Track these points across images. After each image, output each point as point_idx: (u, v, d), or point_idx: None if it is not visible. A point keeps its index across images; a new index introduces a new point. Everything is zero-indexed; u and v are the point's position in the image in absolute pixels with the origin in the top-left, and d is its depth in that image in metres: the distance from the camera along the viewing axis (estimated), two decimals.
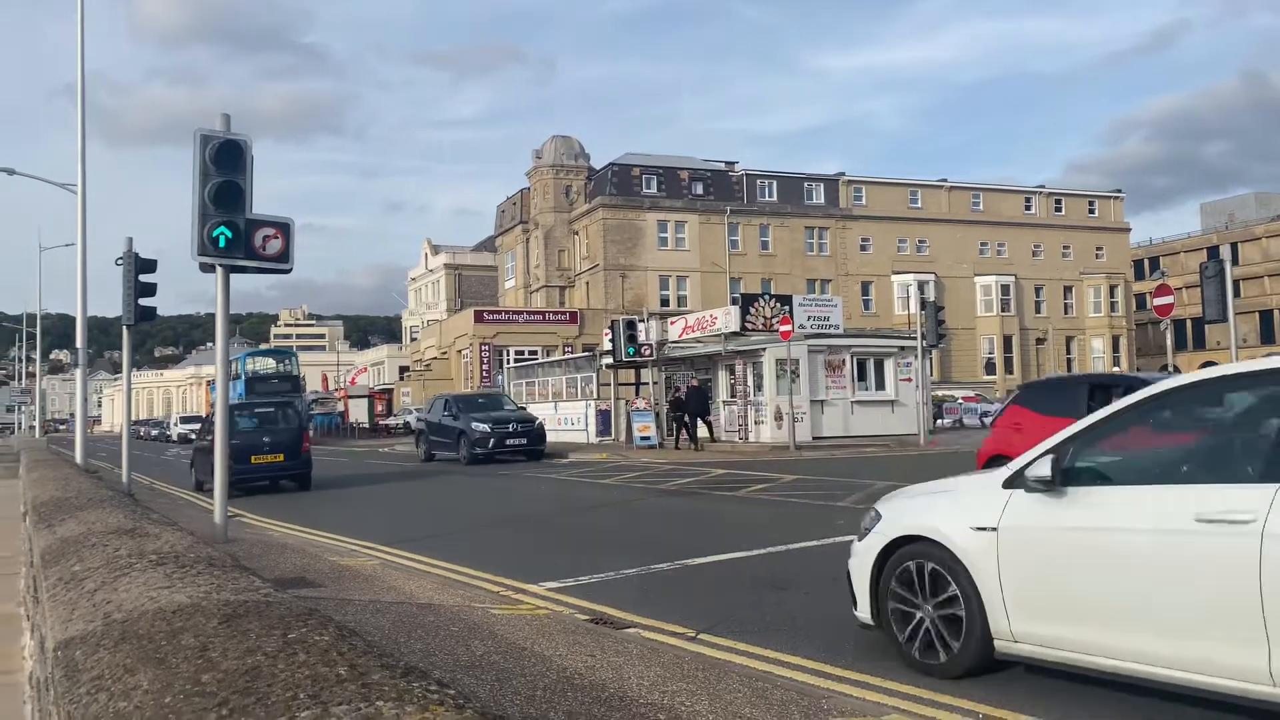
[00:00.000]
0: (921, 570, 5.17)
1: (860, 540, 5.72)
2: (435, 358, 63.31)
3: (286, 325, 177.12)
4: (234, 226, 9.23)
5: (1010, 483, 4.90)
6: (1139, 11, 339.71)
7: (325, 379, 79.35)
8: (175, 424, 65.11)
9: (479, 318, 55.90)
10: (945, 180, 65.28)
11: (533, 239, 65.12)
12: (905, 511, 5.55)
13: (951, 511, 5.21)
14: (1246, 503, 3.99)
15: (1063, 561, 4.63)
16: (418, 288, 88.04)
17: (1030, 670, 4.95)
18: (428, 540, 11.06)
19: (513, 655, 5.00)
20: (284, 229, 9.55)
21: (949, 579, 5.01)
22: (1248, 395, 4.70)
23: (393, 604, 6.45)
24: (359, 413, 59.17)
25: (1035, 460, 4.79)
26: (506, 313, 58.56)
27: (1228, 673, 4.04)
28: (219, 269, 9.44)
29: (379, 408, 60.81)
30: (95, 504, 7.09)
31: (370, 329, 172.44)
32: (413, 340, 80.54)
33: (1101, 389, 11.28)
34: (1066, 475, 4.67)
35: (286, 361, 48.89)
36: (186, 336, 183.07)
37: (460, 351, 58.01)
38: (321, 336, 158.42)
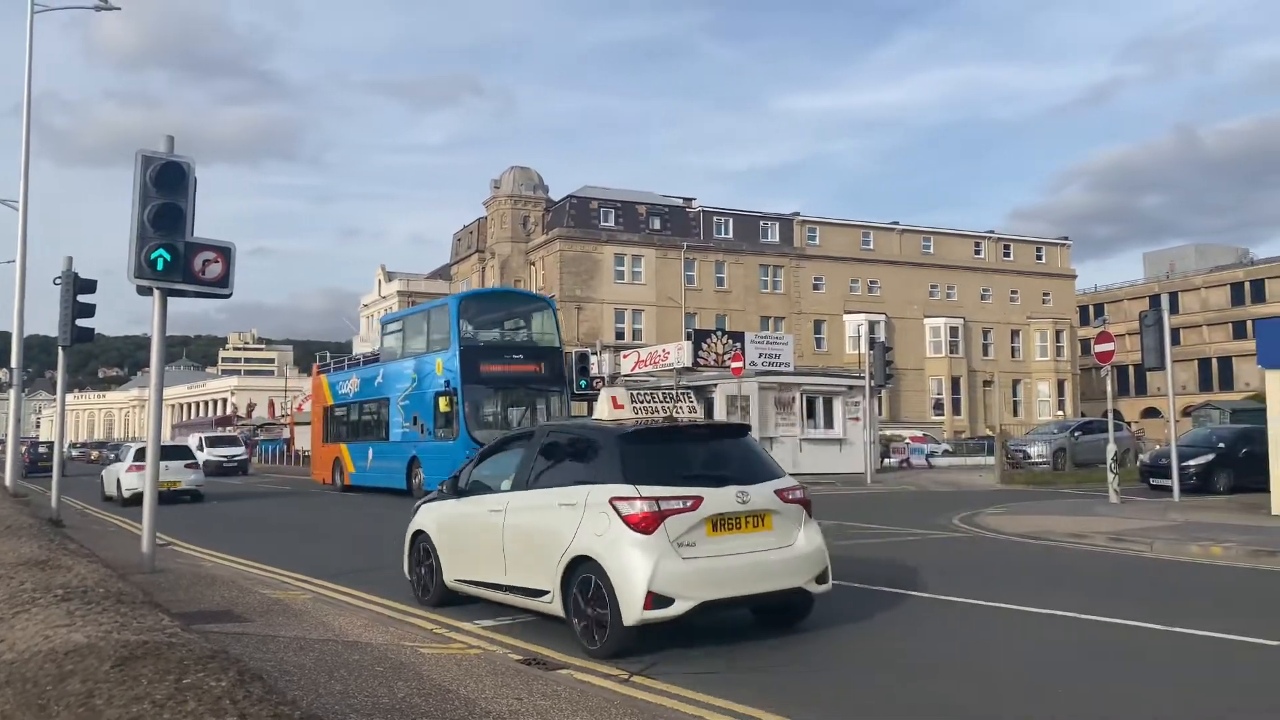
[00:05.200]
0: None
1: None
2: None
3: (235, 349, 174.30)
4: (173, 249, 9.06)
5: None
6: (1079, 66, 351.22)
7: (272, 405, 78.05)
8: (196, 448, 44.45)
9: None
10: (897, 223, 66.32)
11: (489, 268, 64.91)
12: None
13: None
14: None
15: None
16: (370, 314, 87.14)
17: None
18: (366, 574, 10.83)
19: (436, 697, 4.87)
20: (225, 253, 9.39)
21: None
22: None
23: (319, 641, 6.27)
24: (306, 440, 58.18)
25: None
26: None
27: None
28: (156, 292, 9.24)
29: None
30: (11, 532, 6.84)
31: (321, 355, 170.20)
32: None
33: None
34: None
35: (539, 316, 25.77)
36: (131, 358, 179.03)
37: None
38: (270, 361, 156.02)
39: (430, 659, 6.02)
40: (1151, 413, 72.32)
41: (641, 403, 8.27)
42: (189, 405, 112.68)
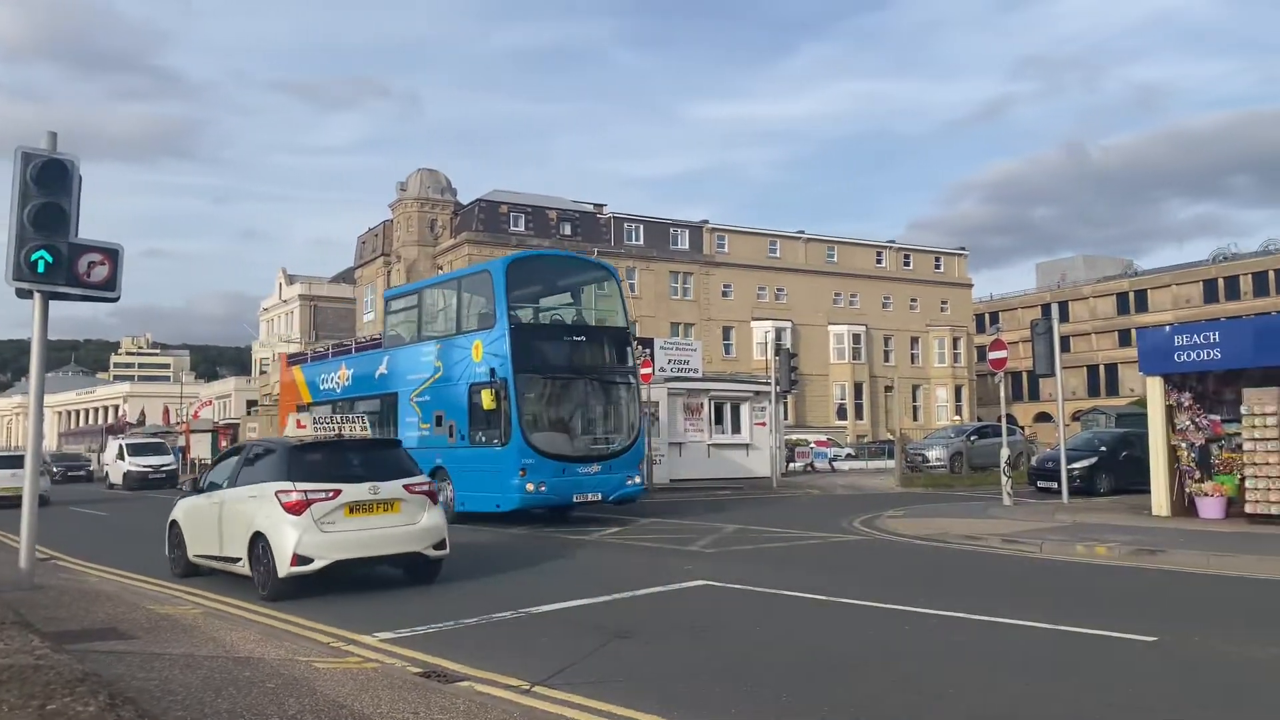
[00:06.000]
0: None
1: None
2: None
3: (128, 354, 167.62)
4: (55, 251, 8.68)
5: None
6: (974, 82, 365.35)
7: (167, 411, 75.30)
8: (116, 457, 40.58)
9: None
10: (803, 232, 67.53)
11: (394, 272, 63.80)
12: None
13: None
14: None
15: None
16: (270, 318, 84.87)
17: None
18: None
19: (328, 713, 4.74)
20: (112, 255, 9.03)
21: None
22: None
23: (207, 658, 6.05)
24: (202, 448, 56.30)
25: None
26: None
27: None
28: (37, 295, 8.83)
29: (223, 443, 58.03)
30: None
31: (219, 360, 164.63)
32: (263, 373, 77.38)
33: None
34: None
35: (603, 287, 20.33)
36: (15, 363, 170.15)
37: None
38: (166, 366, 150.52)
39: (325, 674, 5.87)
40: (1044, 417, 75.15)
41: (322, 423, 10.83)
42: (77, 412, 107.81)
